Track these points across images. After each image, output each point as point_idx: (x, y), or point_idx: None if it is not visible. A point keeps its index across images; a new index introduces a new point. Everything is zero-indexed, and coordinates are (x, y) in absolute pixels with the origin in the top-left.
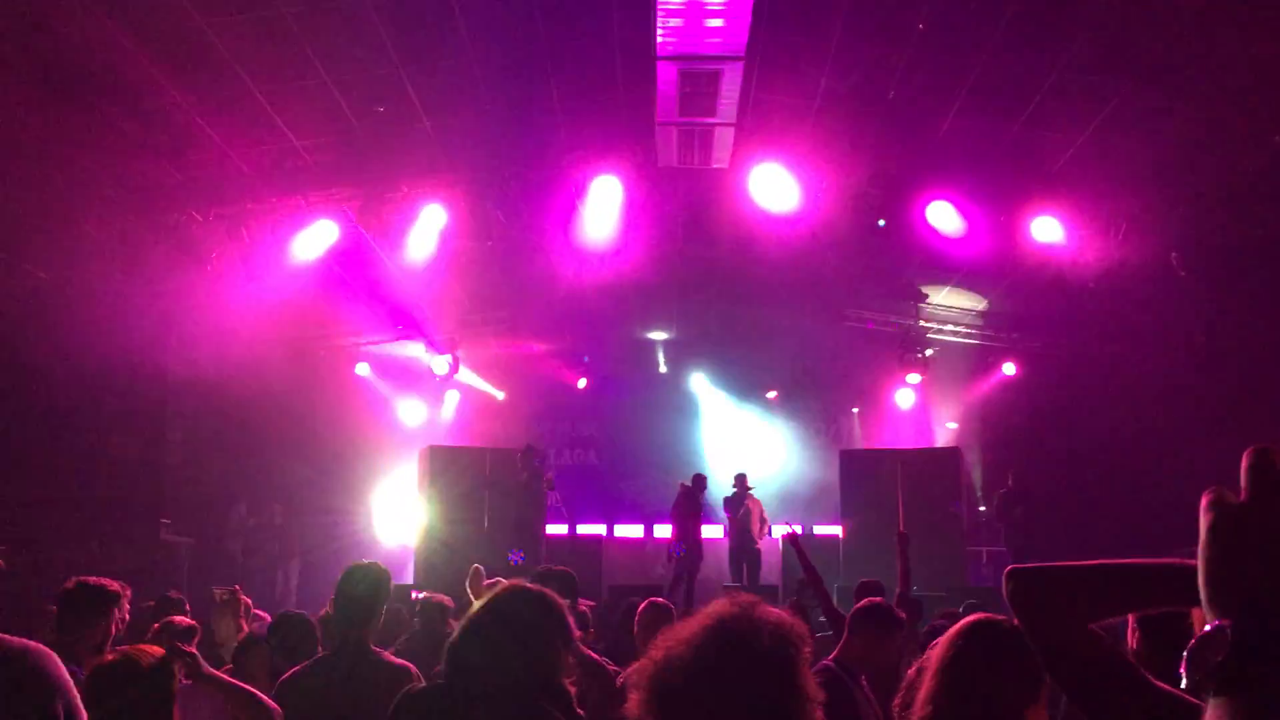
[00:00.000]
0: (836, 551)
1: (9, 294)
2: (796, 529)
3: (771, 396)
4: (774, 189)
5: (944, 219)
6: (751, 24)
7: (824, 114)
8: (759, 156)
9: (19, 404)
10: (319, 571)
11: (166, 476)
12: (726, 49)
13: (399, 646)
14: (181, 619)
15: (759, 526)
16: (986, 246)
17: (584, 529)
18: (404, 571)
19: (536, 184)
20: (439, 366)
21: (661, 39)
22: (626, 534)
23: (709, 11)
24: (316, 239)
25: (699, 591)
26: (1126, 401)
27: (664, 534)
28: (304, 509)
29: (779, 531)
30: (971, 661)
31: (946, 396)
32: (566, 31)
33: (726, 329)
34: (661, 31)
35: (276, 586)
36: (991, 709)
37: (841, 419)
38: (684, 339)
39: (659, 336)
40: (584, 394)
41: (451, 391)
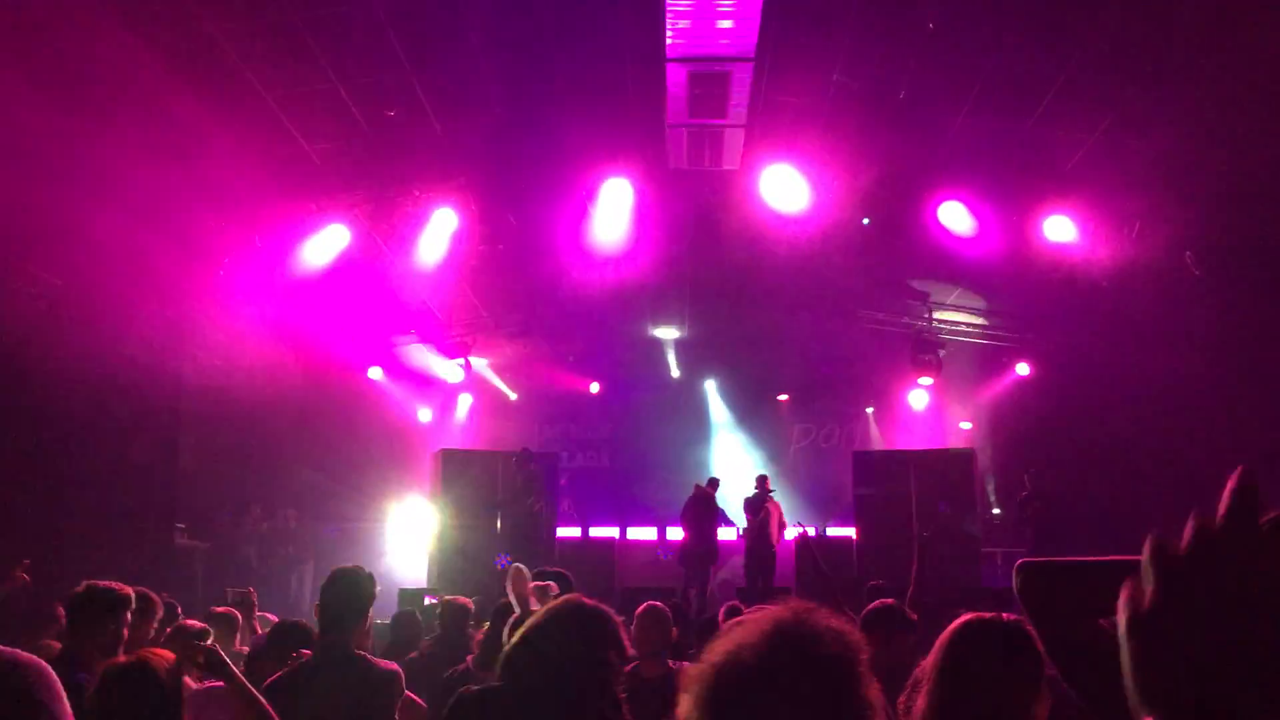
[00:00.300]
0: (850, 553)
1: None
2: (810, 530)
3: (783, 399)
4: (785, 190)
5: (956, 219)
6: (761, 25)
7: (835, 115)
8: (769, 158)
9: (32, 410)
10: None
11: (180, 481)
12: (736, 50)
13: (423, 648)
14: (193, 621)
15: (778, 530)
16: (998, 246)
17: (597, 532)
18: (418, 574)
19: (547, 187)
20: (452, 373)
21: (671, 41)
22: (639, 537)
23: (718, 13)
24: (328, 243)
25: (712, 593)
26: (1140, 401)
27: (677, 537)
28: (318, 513)
29: (791, 534)
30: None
31: (960, 397)
32: (576, 34)
33: (738, 331)
34: (671, 33)
35: (290, 590)
36: (994, 705)
37: (854, 420)
38: (695, 341)
39: (670, 338)
40: (596, 397)
41: (464, 395)
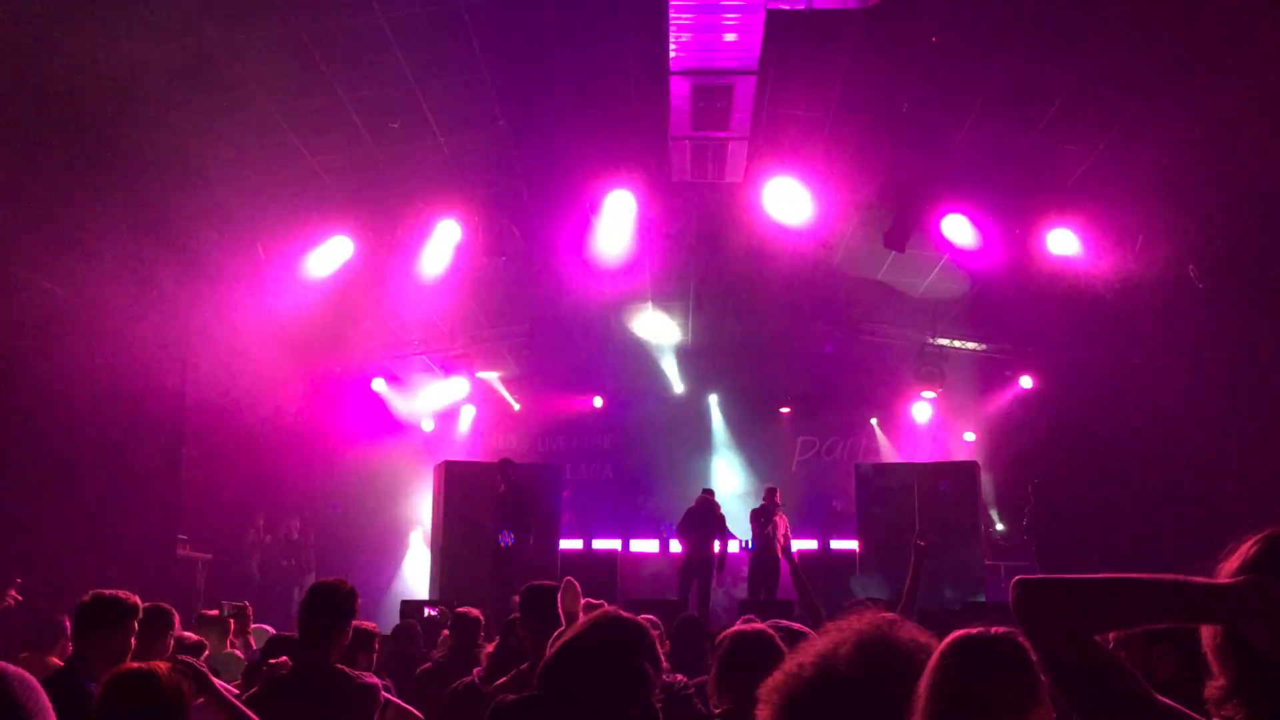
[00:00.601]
0: (853, 566)
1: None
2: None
3: (785, 411)
4: (787, 203)
5: (959, 232)
6: (764, 38)
7: (837, 127)
8: (772, 170)
9: (34, 421)
10: None
11: (183, 493)
12: (739, 63)
13: (434, 659)
14: (189, 634)
15: (782, 543)
16: (1002, 259)
17: (599, 544)
18: (421, 586)
19: (550, 199)
20: (455, 386)
21: (674, 53)
22: (642, 549)
23: (722, 26)
24: (331, 256)
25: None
26: (1144, 414)
27: (679, 549)
28: (320, 524)
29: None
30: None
31: (963, 409)
32: (579, 47)
33: (740, 343)
34: (674, 46)
35: (292, 602)
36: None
37: (857, 433)
38: (698, 353)
39: (673, 350)
40: (598, 409)
41: (467, 407)
